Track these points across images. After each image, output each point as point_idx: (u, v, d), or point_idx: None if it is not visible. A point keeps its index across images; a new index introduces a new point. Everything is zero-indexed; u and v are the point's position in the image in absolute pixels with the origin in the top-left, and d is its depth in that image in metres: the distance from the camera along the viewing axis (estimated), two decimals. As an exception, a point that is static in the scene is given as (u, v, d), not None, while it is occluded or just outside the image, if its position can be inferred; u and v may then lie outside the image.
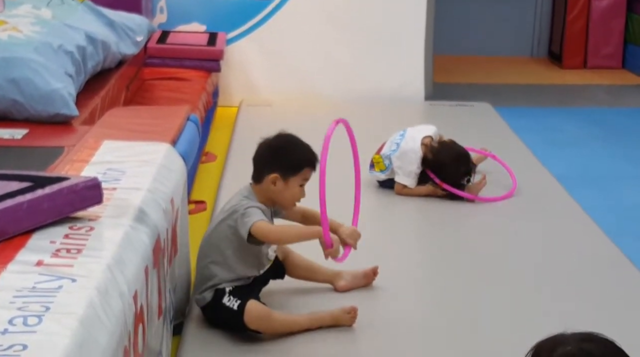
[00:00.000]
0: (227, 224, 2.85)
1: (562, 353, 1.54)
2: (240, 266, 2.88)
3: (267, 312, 2.81)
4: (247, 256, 2.88)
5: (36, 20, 4.07)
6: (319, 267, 3.14)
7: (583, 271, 3.46)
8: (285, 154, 2.90)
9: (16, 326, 1.66)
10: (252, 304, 2.79)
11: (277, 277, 3.09)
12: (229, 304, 2.81)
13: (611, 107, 6.54)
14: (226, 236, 2.86)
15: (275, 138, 2.95)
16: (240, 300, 2.80)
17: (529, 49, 8.39)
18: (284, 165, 2.87)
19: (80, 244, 2.09)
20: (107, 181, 2.54)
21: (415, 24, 6.33)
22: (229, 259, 2.86)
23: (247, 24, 6.30)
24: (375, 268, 3.20)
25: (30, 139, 3.41)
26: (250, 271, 2.92)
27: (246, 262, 2.89)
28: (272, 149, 2.91)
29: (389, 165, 4.28)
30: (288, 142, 2.94)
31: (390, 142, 4.33)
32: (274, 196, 2.89)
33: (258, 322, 2.79)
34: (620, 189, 4.68)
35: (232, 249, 2.86)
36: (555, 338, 1.60)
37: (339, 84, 6.30)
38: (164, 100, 4.98)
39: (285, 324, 2.84)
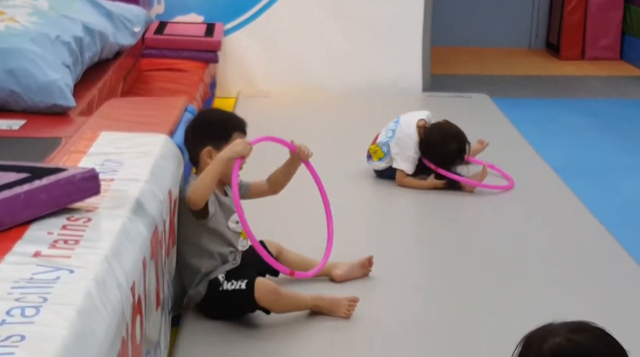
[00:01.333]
0: (185, 215, 2.85)
1: (552, 345, 1.54)
2: (216, 247, 2.88)
3: (276, 287, 2.82)
4: (215, 236, 2.88)
5: (33, 10, 4.06)
6: (313, 261, 3.14)
7: (580, 262, 3.46)
8: (210, 125, 2.92)
9: (14, 317, 1.66)
10: (261, 280, 2.81)
11: (272, 274, 3.09)
12: (232, 287, 2.81)
13: (609, 98, 6.54)
14: (189, 226, 2.86)
15: (196, 118, 3.02)
16: (246, 279, 2.81)
17: (526, 40, 8.39)
18: (212, 136, 2.88)
19: (77, 235, 2.09)
20: (105, 172, 2.54)
21: (413, 15, 6.33)
22: (204, 246, 2.87)
23: (244, 15, 6.29)
24: (371, 258, 3.21)
25: (27, 129, 3.41)
26: (229, 247, 2.90)
27: (219, 242, 2.89)
28: (196, 127, 2.95)
29: (387, 151, 4.28)
30: (210, 115, 3.02)
31: (386, 130, 4.34)
32: None
33: (268, 298, 2.79)
34: (617, 181, 4.68)
35: (199, 236, 2.86)
36: (545, 329, 1.59)
37: (336, 75, 6.29)
38: (161, 91, 4.97)
39: (292, 301, 2.85)
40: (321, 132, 5.12)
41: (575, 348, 1.52)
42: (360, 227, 3.83)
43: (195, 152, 2.92)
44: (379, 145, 4.32)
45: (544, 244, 3.66)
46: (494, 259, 3.47)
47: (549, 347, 1.54)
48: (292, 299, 2.86)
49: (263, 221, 3.45)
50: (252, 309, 2.83)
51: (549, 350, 1.53)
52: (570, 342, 1.53)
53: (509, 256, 3.50)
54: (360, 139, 4.54)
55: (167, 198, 2.64)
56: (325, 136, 5.02)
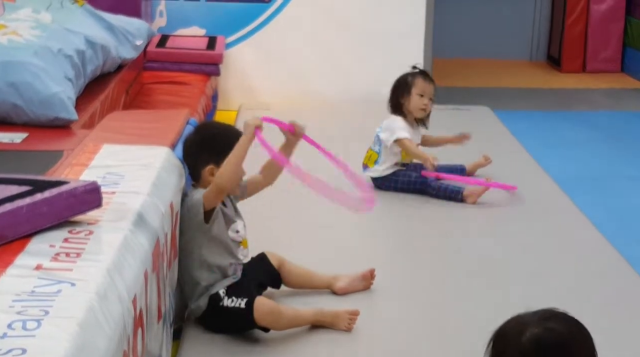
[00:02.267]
0: (185, 223, 2.86)
1: (531, 337, 1.57)
2: (215, 259, 2.87)
3: (276, 307, 2.81)
4: (217, 247, 2.88)
5: (36, 24, 4.08)
6: (315, 274, 3.14)
7: (582, 273, 3.46)
8: (211, 143, 2.91)
9: (15, 330, 1.65)
10: (261, 299, 2.80)
11: (275, 285, 3.09)
12: (232, 304, 2.81)
13: (610, 110, 6.54)
14: (190, 237, 2.86)
15: (195, 133, 2.99)
16: (246, 298, 2.80)
17: (527, 52, 8.40)
18: (214, 154, 2.88)
19: (79, 248, 2.09)
20: (107, 184, 2.54)
21: (414, 27, 6.34)
22: (203, 258, 2.87)
23: (246, 28, 6.30)
24: (372, 270, 3.20)
25: (29, 143, 3.42)
26: (229, 260, 2.90)
27: (220, 254, 2.88)
28: (198, 144, 2.94)
29: (379, 149, 4.29)
30: (209, 130, 2.99)
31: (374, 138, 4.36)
32: None
33: (268, 317, 2.78)
34: (619, 192, 4.68)
35: (199, 246, 2.86)
36: (517, 321, 1.63)
37: (338, 87, 6.30)
38: (163, 104, 4.98)
39: (291, 319, 2.84)
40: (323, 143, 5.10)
41: (554, 337, 1.58)
42: (359, 238, 3.83)
43: (196, 168, 2.92)
44: (371, 149, 4.34)
45: (545, 254, 3.65)
46: (495, 269, 3.47)
47: (529, 339, 1.58)
48: (292, 316, 2.85)
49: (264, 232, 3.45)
50: (250, 328, 2.82)
51: (529, 342, 1.57)
52: (548, 332, 1.58)
53: (511, 268, 3.50)
54: (361, 150, 4.54)
55: (169, 210, 2.64)
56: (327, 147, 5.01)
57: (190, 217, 2.86)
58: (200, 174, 2.91)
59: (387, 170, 4.30)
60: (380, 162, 4.31)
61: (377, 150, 4.32)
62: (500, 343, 1.64)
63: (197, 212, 2.84)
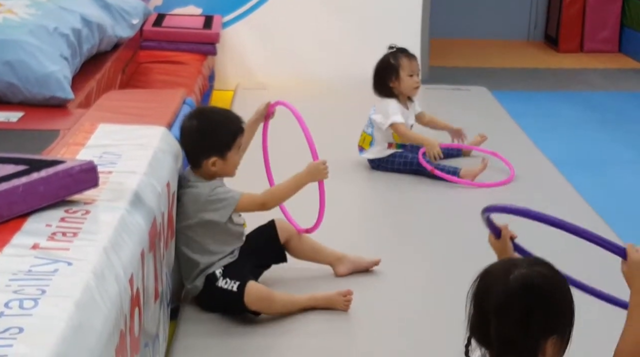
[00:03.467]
0: (190, 215, 2.84)
1: (518, 275, 1.67)
2: (219, 246, 2.88)
3: (268, 293, 2.81)
4: (222, 235, 2.88)
5: (31, 2, 4.05)
6: (323, 249, 3.14)
7: (578, 255, 3.46)
8: (214, 134, 2.88)
9: (12, 309, 1.66)
10: (252, 285, 2.80)
11: (280, 261, 3.08)
12: (226, 286, 2.81)
13: (607, 91, 6.54)
14: (190, 226, 2.86)
15: (196, 120, 2.92)
16: (238, 281, 2.80)
17: (525, 32, 8.37)
18: (218, 145, 2.86)
19: (76, 227, 2.09)
20: (103, 164, 2.54)
21: (411, 7, 6.31)
22: (207, 245, 2.87)
23: (243, 7, 6.27)
24: (378, 261, 3.21)
25: (25, 122, 3.40)
26: (229, 247, 2.91)
27: (224, 241, 2.89)
28: (200, 134, 2.88)
29: (372, 131, 4.29)
30: (212, 120, 2.92)
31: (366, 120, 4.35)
32: (217, 174, 2.89)
33: (259, 303, 2.79)
34: (616, 173, 4.68)
35: (201, 236, 2.86)
36: (505, 262, 1.76)
37: (334, 67, 6.28)
38: (159, 84, 4.96)
39: (284, 304, 2.85)
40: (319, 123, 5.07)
41: (540, 277, 1.69)
42: (356, 219, 3.83)
43: (198, 158, 2.88)
44: (364, 131, 4.33)
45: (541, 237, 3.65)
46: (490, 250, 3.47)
47: (516, 277, 1.68)
48: (284, 302, 2.85)
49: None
50: (241, 312, 2.82)
51: (515, 280, 1.67)
52: (535, 272, 1.69)
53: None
54: (357, 131, 4.54)
55: (166, 190, 2.64)
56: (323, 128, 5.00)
57: (204, 209, 2.83)
58: (201, 163, 2.88)
59: (383, 151, 4.30)
60: (374, 144, 4.30)
61: (370, 133, 4.32)
62: (486, 280, 1.72)
63: (220, 209, 2.82)
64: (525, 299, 1.66)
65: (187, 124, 2.94)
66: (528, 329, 1.65)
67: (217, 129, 2.89)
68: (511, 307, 1.66)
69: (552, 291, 1.70)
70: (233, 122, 2.92)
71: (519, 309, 1.66)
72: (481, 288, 1.71)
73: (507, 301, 1.66)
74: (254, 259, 2.98)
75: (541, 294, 1.67)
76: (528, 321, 1.65)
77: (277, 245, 3.05)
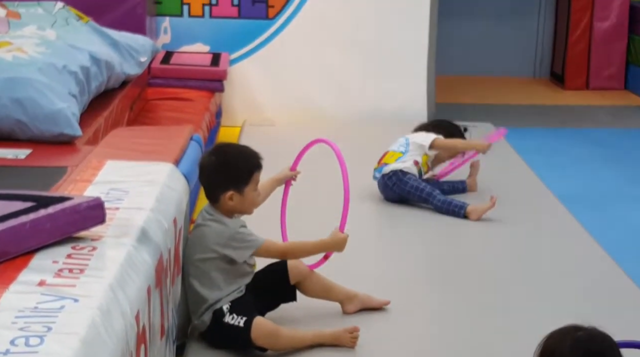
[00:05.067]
0: (211, 249, 2.84)
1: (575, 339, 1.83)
2: (225, 283, 2.88)
3: (275, 329, 2.81)
4: (234, 272, 2.88)
5: (41, 41, 4.09)
6: (335, 287, 3.13)
7: (585, 291, 3.45)
8: (231, 168, 2.90)
9: (18, 346, 1.65)
10: (259, 321, 2.79)
11: (289, 301, 3.07)
12: (233, 322, 2.81)
13: (613, 128, 6.54)
14: (210, 260, 2.86)
15: (214, 155, 2.95)
16: (245, 317, 2.79)
17: (531, 69, 8.41)
18: (234, 180, 2.88)
19: (82, 264, 2.09)
20: (110, 200, 2.55)
21: (417, 44, 6.35)
22: (218, 282, 2.87)
23: (250, 44, 6.32)
24: (387, 302, 3.20)
25: (33, 158, 3.42)
26: (237, 285, 2.91)
27: (232, 280, 2.89)
28: (217, 168, 2.91)
29: (405, 150, 4.39)
30: (229, 155, 2.95)
31: (396, 145, 4.46)
32: (235, 209, 2.90)
33: (265, 339, 2.78)
34: (622, 210, 4.67)
35: (218, 271, 2.86)
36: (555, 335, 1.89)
37: (341, 103, 6.31)
38: (167, 121, 4.99)
39: (290, 341, 2.83)
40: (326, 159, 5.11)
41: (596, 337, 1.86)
42: (367, 251, 3.83)
43: (215, 192, 2.89)
44: (393, 150, 4.43)
45: (548, 272, 3.65)
46: (499, 287, 3.46)
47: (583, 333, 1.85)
48: (291, 338, 2.84)
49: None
50: (248, 347, 2.81)
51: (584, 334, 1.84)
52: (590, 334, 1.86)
53: (515, 285, 3.49)
54: (365, 166, 4.55)
55: (172, 226, 2.64)
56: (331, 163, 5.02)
57: (226, 245, 2.84)
58: (218, 198, 2.89)
59: (406, 164, 4.36)
60: (405, 157, 4.38)
61: (402, 151, 4.40)
62: (552, 340, 1.87)
63: (241, 249, 2.84)
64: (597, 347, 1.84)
65: (206, 160, 2.96)
66: None
67: (234, 163, 2.91)
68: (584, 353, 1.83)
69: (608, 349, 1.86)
70: (250, 157, 2.94)
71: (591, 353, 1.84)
72: (550, 346, 1.88)
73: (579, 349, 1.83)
74: (262, 298, 2.97)
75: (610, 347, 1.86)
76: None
77: (288, 285, 3.04)
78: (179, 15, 6.29)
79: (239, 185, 2.87)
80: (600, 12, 7.67)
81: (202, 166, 2.96)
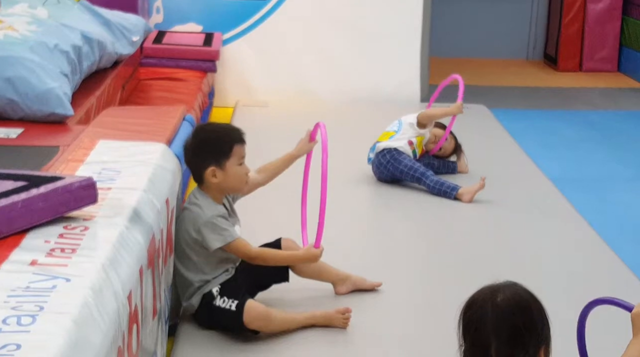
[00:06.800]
0: (188, 233, 2.84)
1: (506, 297, 1.82)
2: (213, 267, 2.88)
3: (267, 312, 2.81)
4: (210, 257, 2.87)
5: (32, 19, 4.06)
6: (328, 268, 3.14)
7: (578, 273, 3.46)
8: (209, 144, 2.89)
9: (10, 325, 1.65)
10: (251, 304, 2.79)
11: (282, 281, 3.07)
12: (224, 305, 2.81)
13: (606, 110, 6.55)
14: (188, 244, 2.85)
15: (193, 136, 2.96)
16: (237, 300, 2.79)
17: (524, 51, 8.40)
18: (213, 154, 2.86)
19: (74, 243, 2.09)
20: (102, 180, 2.54)
21: (411, 26, 6.34)
22: (201, 266, 2.86)
23: (243, 24, 6.30)
24: (379, 284, 3.20)
25: (25, 138, 3.41)
26: (222, 269, 2.90)
27: (218, 262, 2.88)
28: (196, 146, 2.91)
29: (398, 128, 4.41)
30: (206, 132, 2.97)
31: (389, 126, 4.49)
32: (221, 187, 2.89)
33: (257, 322, 2.79)
34: (614, 192, 4.68)
35: (197, 255, 2.86)
36: (485, 291, 1.87)
37: (334, 85, 6.30)
38: (159, 100, 4.97)
39: (283, 323, 2.84)
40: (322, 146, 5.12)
41: (526, 295, 1.85)
42: (360, 234, 3.84)
43: (199, 171, 2.89)
44: (387, 131, 4.44)
45: (541, 253, 3.66)
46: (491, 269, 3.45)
47: (505, 299, 1.82)
48: (283, 320, 2.84)
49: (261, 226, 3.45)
50: (240, 331, 2.81)
51: (506, 302, 1.81)
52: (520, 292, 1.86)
53: (507, 268, 3.49)
54: (358, 148, 4.55)
55: (165, 207, 2.63)
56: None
57: (198, 230, 2.82)
58: (202, 177, 2.88)
59: (400, 143, 4.36)
60: (397, 135, 4.39)
61: (395, 130, 4.42)
62: (475, 309, 1.83)
63: (210, 239, 2.81)
64: (521, 317, 1.79)
65: (187, 141, 2.96)
66: (524, 343, 1.78)
67: (213, 137, 2.91)
68: (509, 327, 1.78)
69: (538, 306, 1.84)
70: (229, 132, 2.93)
71: (515, 327, 1.78)
72: (473, 317, 1.82)
73: (503, 322, 1.78)
74: (254, 278, 2.97)
75: (531, 310, 1.81)
76: (524, 336, 1.78)
77: (281, 266, 3.04)
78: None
79: (219, 159, 2.85)
80: (594, -7, 7.67)
81: (185, 148, 2.96)
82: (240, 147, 2.89)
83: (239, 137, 2.90)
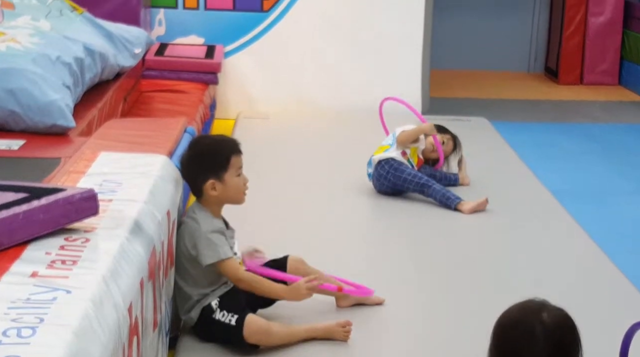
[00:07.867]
0: (185, 247, 2.84)
1: (553, 317, 1.84)
2: (207, 281, 2.87)
3: (267, 325, 2.80)
4: (208, 272, 2.85)
5: (35, 31, 4.08)
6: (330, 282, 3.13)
7: (578, 285, 3.46)
8: (206, 157, 2.88)
9: (10, 337, 1.65)
10: (251, 319, 2.78)
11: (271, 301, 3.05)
12: (224, 319, 2.80)
13: (607, 123, 6.55)
14: (186, 257, 2.85)
15: (190, 149, 2.95)
16: (237, 314, 2.79)
17: (525, 64, 8.42)
18: (211, 168, 2.86)
19: (75, 255, 2.09)
20: (103, 192, 2.54)
21: (412, 38, 6.35)
22: (198, 279, 2.86)
23: (244, 37, 6.32)
24: (382, 300, 3.19)
25: (27, 149, 3.41)
26: (221, 281, 2.89)
27: (213, 278, 2.87)
28: (193, 160, 2.90)
29: (392, 141, 4.39)
30: (202, 145, 2.95)
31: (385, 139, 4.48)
32: (220, 199, 2.88)
33: (257, 336, 2.78)
34: (615, 204, 4.68)
35: (194, 269, 2.85)
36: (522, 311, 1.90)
37: (336, 97, 6.31)
38: (161, 112, 4.99)
39: (283, 336, 2.83)
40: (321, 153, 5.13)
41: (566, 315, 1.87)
42: (360, 246, 3.84)
43: (197, 185, 2.89)
44: (383, 144, 4.44)
45: (541, 266, 3.65)
46: (491, 281, 3.46)
47: (553, 319, 1.83)
48: (283, 334, 2.83)
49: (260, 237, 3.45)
50: (240, 345, 2.79)
51: (554, 322, 1.83)
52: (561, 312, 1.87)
53: (507, 280, 3.49)
54: (359, 159, 4.55)
55: (166, 219, 2.64)
56: (325, 156, 5.04)
57: (193, 245, 2.82)
58: (201, 190, 2.87)
59: (393, 154, 4.36)
60: (391, 148, 4.39)
61: (390, 143, 4.41)
62: (519, 330, 1.83)
63: (202, 255, 2.80)
64: (569, 335, 1.83)
65: (184, 155, 2.96)
66: None
67: (209, 150, 2.90)
68: (559, 346, 1.81)
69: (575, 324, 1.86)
70: (226, 143, 2.93)
71: (564, 345, 1.82)
72: (522, 338, 1.82)
73: (553, 341, 1.80)
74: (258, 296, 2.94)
75: (576, 328, 1.85)
76: (570, 354, 1.81)
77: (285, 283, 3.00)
78: (174, 7, 6.28)
79: (217, 172, 2.85)
80: (594, 7, 7.68)
81: (182, 162, 2.95)
82: (237, 157, 2.89)
83: (235, 148, 2.90)
